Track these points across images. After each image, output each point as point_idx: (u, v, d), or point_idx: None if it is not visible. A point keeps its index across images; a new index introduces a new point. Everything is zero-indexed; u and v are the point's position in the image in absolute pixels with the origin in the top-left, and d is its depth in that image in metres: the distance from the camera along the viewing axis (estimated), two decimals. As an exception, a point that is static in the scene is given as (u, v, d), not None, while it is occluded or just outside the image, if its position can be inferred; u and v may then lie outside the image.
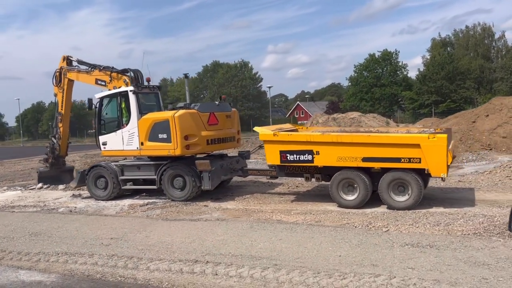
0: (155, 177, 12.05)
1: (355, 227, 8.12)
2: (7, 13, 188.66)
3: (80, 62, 14.01)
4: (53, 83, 14.54)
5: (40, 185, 15.54)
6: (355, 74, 67.08)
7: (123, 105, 12.37)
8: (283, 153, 10.63)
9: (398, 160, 9.51)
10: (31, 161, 25.86)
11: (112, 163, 12.84)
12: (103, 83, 13.23)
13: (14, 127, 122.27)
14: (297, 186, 13.25)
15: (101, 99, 12.98)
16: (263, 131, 10.93)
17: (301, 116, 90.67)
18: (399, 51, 66.30)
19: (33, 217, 9.96)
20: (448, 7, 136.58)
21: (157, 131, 11.51)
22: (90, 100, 13.42)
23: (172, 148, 11.32)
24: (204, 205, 11.18)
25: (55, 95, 14.75)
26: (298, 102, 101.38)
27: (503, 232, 7.47)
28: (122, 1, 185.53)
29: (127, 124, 12.24)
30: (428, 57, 62.97)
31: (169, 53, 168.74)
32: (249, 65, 75.71)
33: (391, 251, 5.92)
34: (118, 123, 12.53)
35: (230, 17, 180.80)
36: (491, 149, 19.59)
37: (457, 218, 8.44)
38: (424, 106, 51.90)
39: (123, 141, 12.33)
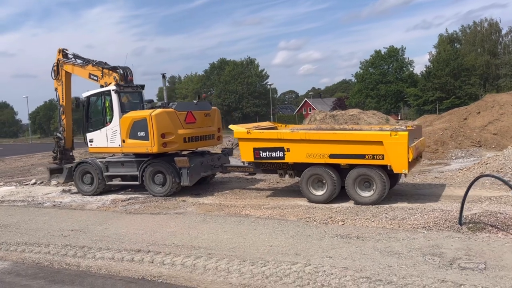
0: (137, 173, 12.53)
1: (314, 221, 8.45)
2: (21, 11, 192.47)
3: (76, 56, 14.39)
4: (52, 77, 14.78)
5: (34, 180, 16.13)
6: (361, 71, 67.05)
7: (106, 104, 12.85)
8: (256, 150, 10.98)
9: (362, 156, 9.80)
10: (32, 158, 26.62)
11: (98, 160, 13.34)
12: (95, 78, 13.64)
13: (27, 124, 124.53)
14: (277, 182, 13.59)
15: (88, 98, 13.48)
16: (238, 129, 11.29)
17: (309, 112, 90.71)
18: (405, 48, 66.08)
19: (9, 210, 10.54)
20: (463, 2, 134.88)
21: (136, 129, 11.95)
22: (77, 99, 13.91)
23: (150, 145, 11.75)
24: (183, 200, 11.61)
25: (56, 89, 14.97)
26: (305, 99, 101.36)
27: (452, 225, 7.76)
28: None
29: (110, 122, 12.71)
30: (435, 53, 62.67)
31: (182, 50, 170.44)
32: (256, 62, 76.06)
33: (319, 241, 6.27)
34: (103, 121, 13.01)
35: (241, 14, 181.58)
36: (480, 146, 19.67)
37: (415, 212, 8.71)
38: (428, 102, 51.68)
39: (107, 139, 12.81)
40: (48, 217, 9.39)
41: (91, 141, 13.36)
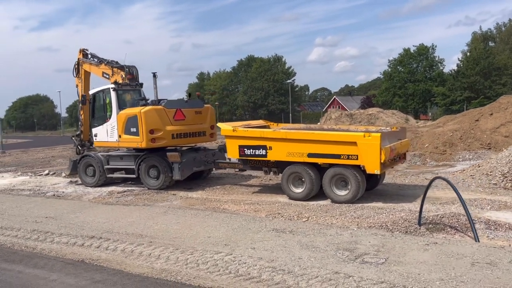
0: (134, 167, 13.22)
1: (282, 216, 8.82)
2: (66, 7, 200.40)
3: (93, 55, 15.06)
4: (73, 75, 15.52)
5: (46, 171, 17.18)
6: (389, 69, 66.02)
7: (107, 101, 13.61)
8: (241, 148, 11.41)
9: (338, 156, 10.06)
10: (53, 150, 28.07)
11: (100, 154, 14.13)
12: (107, 76, 14.38)
13: (64, 117, 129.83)
14: (270, 179, 13.95)
15: (93, 95, 14.33)
16: (224, 127, 11.76)
17: (342, 110, 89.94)
18: (436, 46, 64.25)
19: (3, 198, 11.52)
20: None
21: (129, 125, 12.63)
22: (84, 96, 14.79)
23: (140, 141, 12.39)
24: (173, 194, 12.19)
25: (76, 86, 15.69)
26: (335, 96, 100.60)
27: (410, 225, 7.98)
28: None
29: (110, 118, 13.47)
30: (468, 52, 60.88)
31: (218, 46, 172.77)
32: (283, 59, 76.25)
33: (255, 234, 6.65)
34: (104, 117, 13.79)
35: (278, 9, 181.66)
36: (490, 149, 19.30)
37: (383, 212, 8.93)
38: (456, 102, 50.41)
39: (107, 134, 13.59)
40: (33, 205, 10.21)
41: (95, 135, 14.20)
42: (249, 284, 4.82)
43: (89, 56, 15.16)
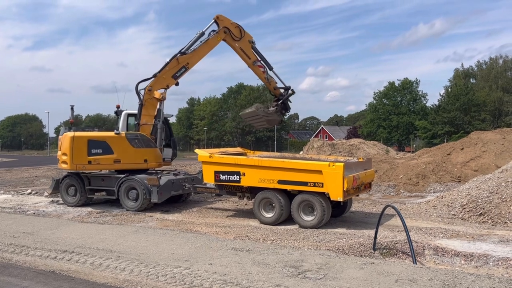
0: (114, 188, 13.73)
1: (249, 239, 9.38)
2: (60, 28, 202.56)
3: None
4: None
5: (29, 190, 17.55)
6: (375, 101, 67.82)
7: None
8: (217, 173, 12.04)
9: (305, 183, 10.74)
10: (38, 170, 28.33)
11: (82, 174, 14.62)
12: None
13: (51, 137, 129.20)
14: (246, 204, 14.53)
15: None
16: (201, 153, 12.40)
17: (325, 139, 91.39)
18: (419, 80, 66.49)
19: None
20: (496, 36, 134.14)
21: None
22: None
23: None
24: (150, 216, 12.68)
25: None
26: (322, 126, 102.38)
27: (365, 250, 8.61)
28: (168, 21, 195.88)
29: None
30: (449, 88, 63.02)
31: (211, 73, 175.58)
32: (272, 88, 77.71)
33: (215, 252, 7.22)
34: None
35: (272, 39, 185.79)
36: (459, 181, 20.16)
37: (343, 237, 9.54)
38: (437, 136, 51.86)
39: None
40: (12, 221, 10.65)
41: None
42: (200, 293, 5.39)
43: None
